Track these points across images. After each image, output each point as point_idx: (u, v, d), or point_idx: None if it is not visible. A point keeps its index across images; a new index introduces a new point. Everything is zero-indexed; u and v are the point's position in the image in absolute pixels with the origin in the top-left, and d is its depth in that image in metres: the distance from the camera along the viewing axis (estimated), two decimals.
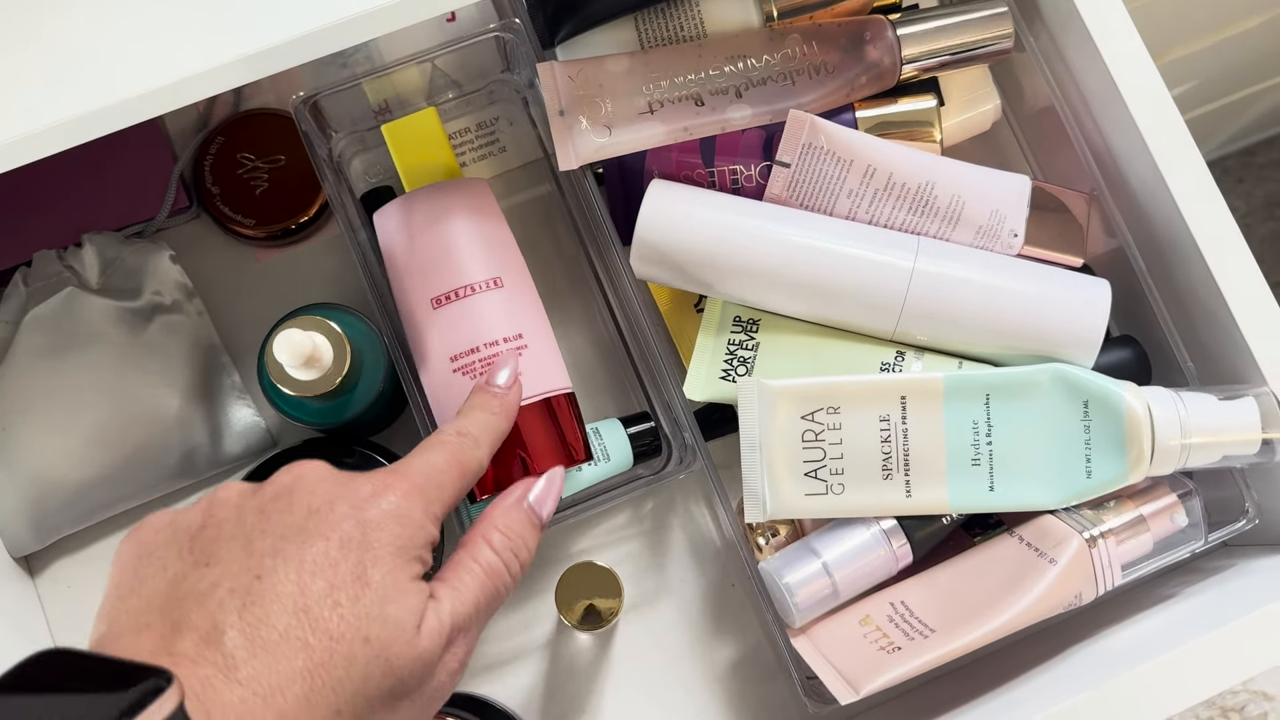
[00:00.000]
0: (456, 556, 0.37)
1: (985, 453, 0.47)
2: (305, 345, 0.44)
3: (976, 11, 0.52)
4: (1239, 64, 1.22)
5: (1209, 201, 0.49)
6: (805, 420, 0.48)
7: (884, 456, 0.47)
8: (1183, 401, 0.47)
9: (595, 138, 0.51)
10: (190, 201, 0.56)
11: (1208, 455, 0.47)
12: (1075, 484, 0.47)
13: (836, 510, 0.48)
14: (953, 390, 0.48)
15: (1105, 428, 0.46)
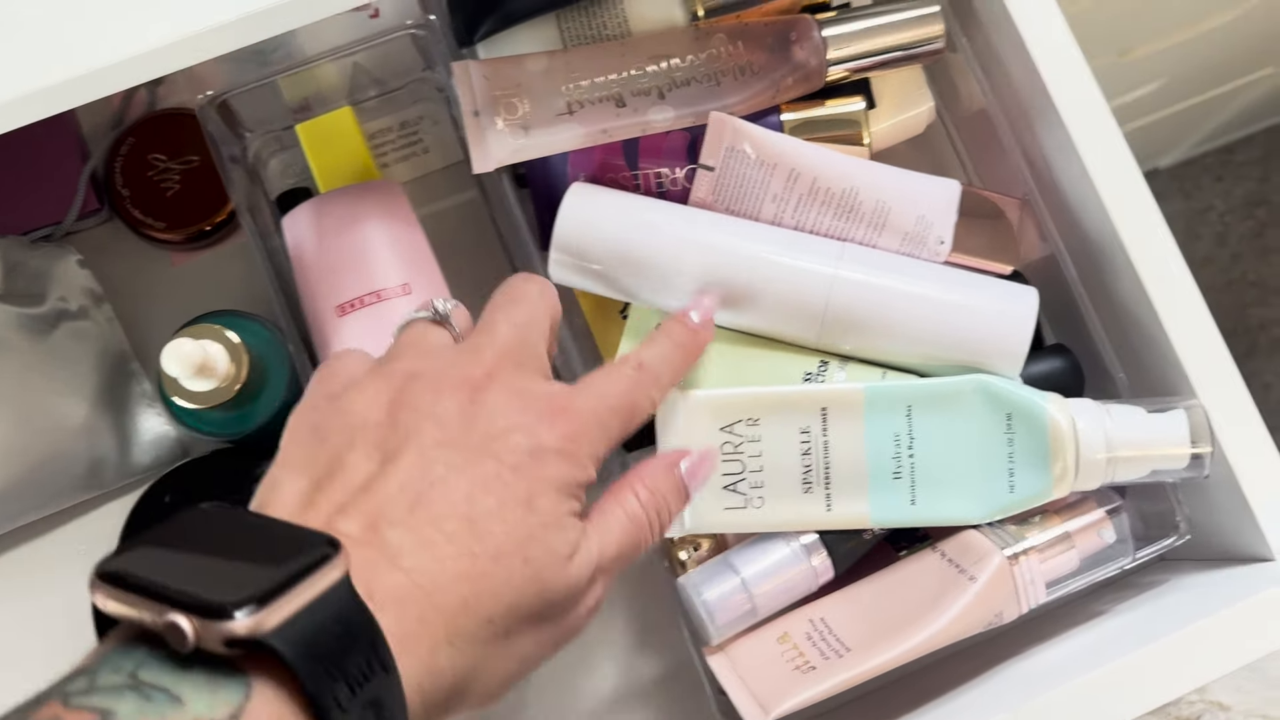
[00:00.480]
0: (604, 503, 0.38)
1: (907, 465, 0.46)
2: (195, 355, 0.43)
3: (907, 11, 0.51)
4: (1213, 61, 1.21)
5: (1141, 209, 0.48)
6: (724, 432, 0.46)
7: (804, 469, 0.46)
8: (1109, 414, 0.46)
9: (511, 139, 0.49)
10: (101, 204, 0.55)
11: (1135, 469, 0.46)
12: (998, 498, 0.45)
13: (756, 524, 0.47)
14: (874, 402, 0.46)
15: (1028, 441, 0.45)
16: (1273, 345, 1.60)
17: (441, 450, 0.33)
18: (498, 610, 0.32)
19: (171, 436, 0.54)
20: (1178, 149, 1.62)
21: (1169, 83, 1.21)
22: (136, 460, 0.53)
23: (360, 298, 0.48)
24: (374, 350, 0.48)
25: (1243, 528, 0.47)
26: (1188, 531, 0.49)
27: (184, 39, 0.46)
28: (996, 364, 0.47)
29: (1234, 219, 1.68)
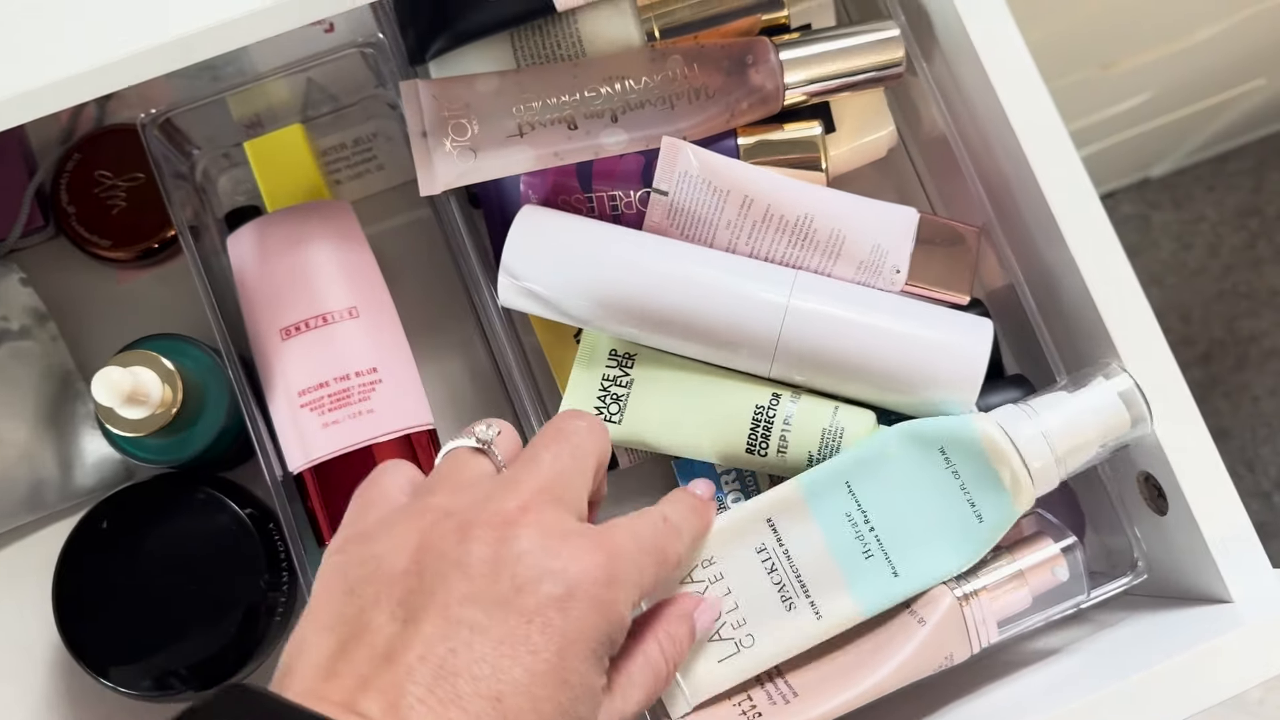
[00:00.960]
0: (629, 656, 0.37)
1: (873, 541, 0.44)
2: (125, 383, 0.42)
3: (867, 35, 0.50)
4: (1202, 73, 1.20)
5: (1099, 239, 0.47)
6: (686, 585, 0.44)
7: (778, 587, 0.44)
8: (1035, 410, 0.44)
9: (459, 161, 0.48)
10: (46, 220, 0.54)
11: (1085, 454, 0.44)
12: (971, 534, 0.44)
13: (756, 664, 0.44)
14: (813, 493, 0.44)
15: (971, 466, 0.43)
16: (1263, 357, 1.59)
17: (466, 608, 0.32)
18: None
19: (116, 459, 0.53)
20: (1169, 159, 1.61)
21: (1157, 94, 1.20)
22: (80, 483, 0.52)
23: (305, 321, 0.47)
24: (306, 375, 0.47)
25: (1201, 568, 0.46)
26: (1145, 570, 0.48)
27: (134, 55, 0.45)
28: (951, 396, 0.46)
29: (1226, 229, 1.67)
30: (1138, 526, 0.48)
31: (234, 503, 0.48)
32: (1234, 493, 0.46)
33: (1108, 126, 1.24)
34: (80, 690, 0.52)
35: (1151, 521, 0.48)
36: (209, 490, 0.48)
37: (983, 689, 0.48)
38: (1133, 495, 0.49)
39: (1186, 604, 0.48)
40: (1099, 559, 0.52)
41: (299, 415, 0.46)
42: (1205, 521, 0.45)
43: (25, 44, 0.45)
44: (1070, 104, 1.10)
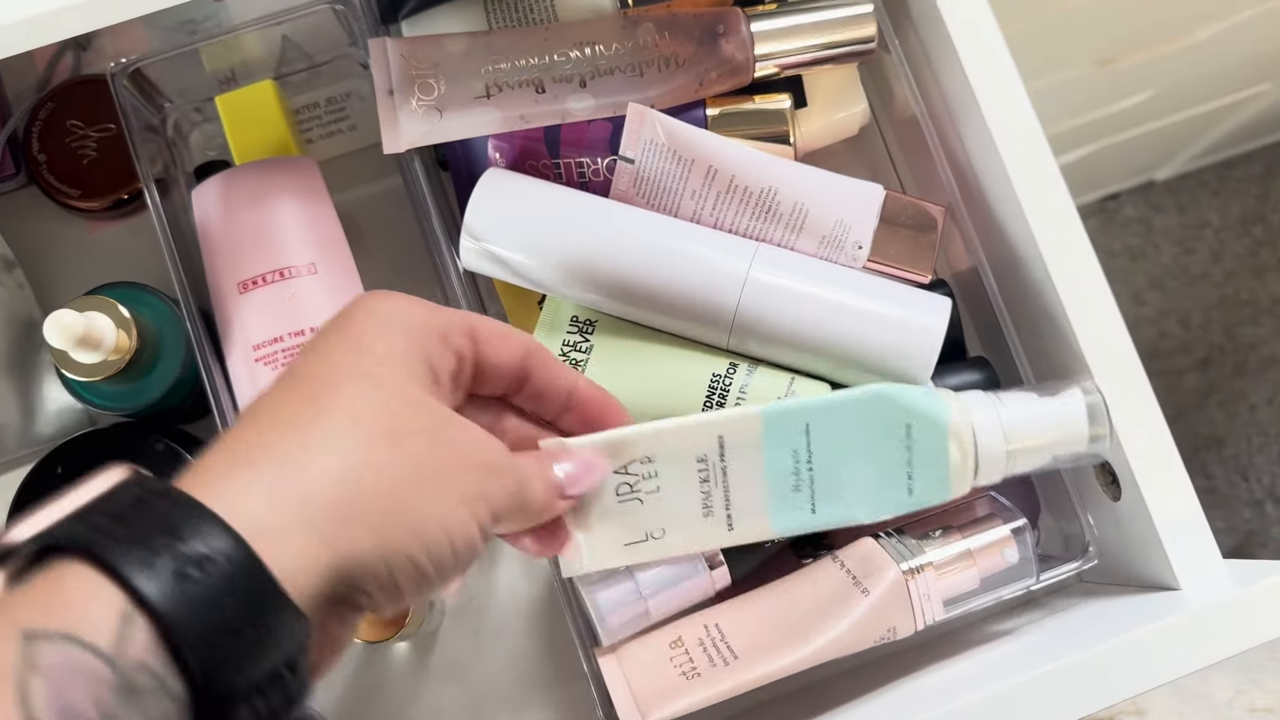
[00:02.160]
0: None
1: (806, 478, 0.43)
2: (77, 327, 0.42)
3: (839, 10, 0.50)
4: (1205, 74, 1.19)
5: (1063, 222, 0.47)
6: (619, 474, 0.43)
7: (704, 495, 0.43)
8: (1003, 404, 0.43)
9: (424, 121, 0.48)
10: (17, 168, 0.54)
11: (1035, 459, 0.43)
12: (894, 502, 0.43)
13: (658, 554, 0.43)
14: (772, 425, 0.43)
15: (926, 447, 0.43)
16: (1262, 365, 1.58)
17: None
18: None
19: (77, 408, 0.53)
20: (1174, 162, 1.60)
21: (1159, 94, 1.19)
22: (40, 430, 0.52)
23: (263, 275, 0.47)
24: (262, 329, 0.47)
25: (1151, 555, 0.46)
26: (1096, 556, 0.48)
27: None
28: (905, 374, 0.46)
29: (1230, 236, 1.66)
30: (1091, 512, 0.48)
31: (190, 454, 0.49)
32: (1188, 481, 0.46)
33: (1109, 125, 1.23)
34: None
35: (1105, 507, 0.48)
36: (166, 440, 0.49)
37: (929, 667, 0.48)
38: (1088, 480, 0.49)
39: (1136, 590, 0.48)
40: (1054, 543, 0.52)
41: (254, 369, 0.46)
42: (1157, 509, 0.45)
43: None
44: (1068, 101, 1.10)
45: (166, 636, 0.24)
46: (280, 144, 0.52)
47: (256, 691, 0.26)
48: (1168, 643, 0.42)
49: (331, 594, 0.29)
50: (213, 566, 0.25)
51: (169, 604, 0.24)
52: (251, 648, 0.26)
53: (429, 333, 0.34)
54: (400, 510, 0.30)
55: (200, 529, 0.26)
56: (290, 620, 0.27)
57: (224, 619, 0.25)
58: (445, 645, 0.53)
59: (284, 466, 0.29)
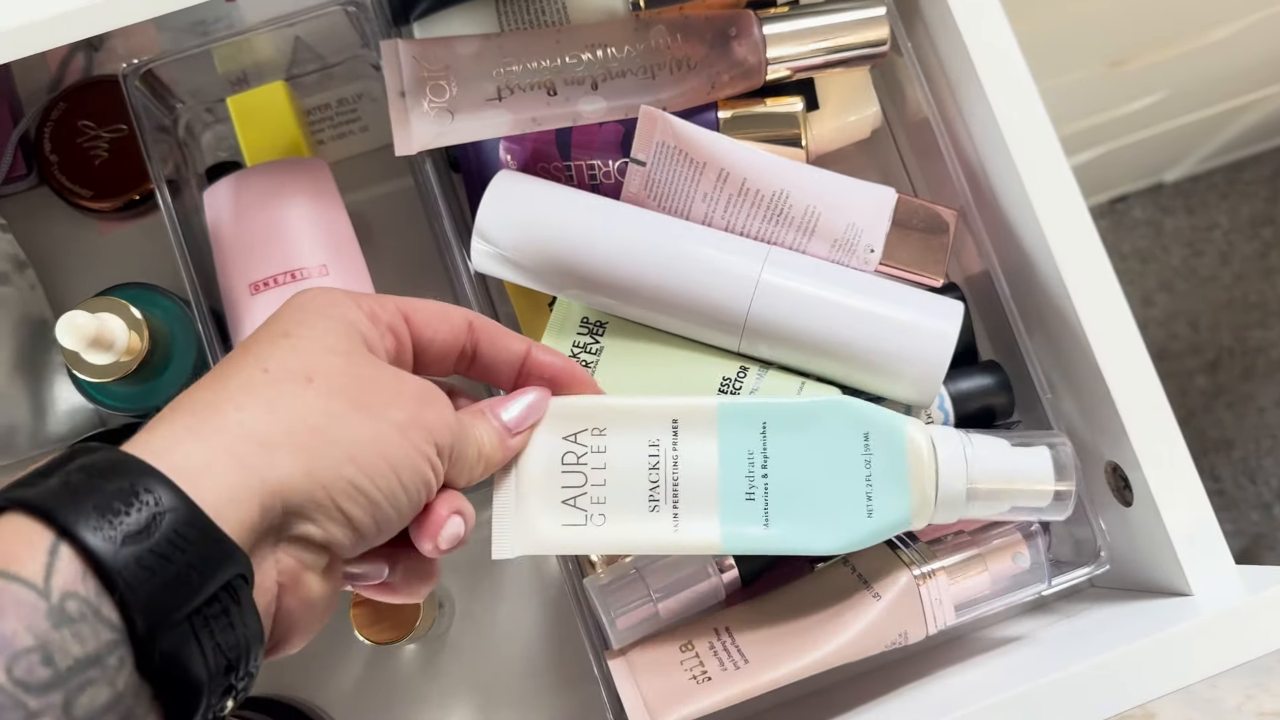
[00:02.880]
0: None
1: (760, 486, 0.42)
2: (89, 328, 0.42)
3: (852, 12, 0.49)
4: (1217, 75, 1.19)
5: (1075, 226, 0.46)
6: (567, 441, 0.42)
7: (651, 485, 0.41)
8: (971, 443, 0.42)
9: (436, 123, 0.48)
10: (29, 169, 0.54)
11: (995, 504, 0.43)
12: (856, 525, 0.41)
13: (596, 544, 0.41)
14: (728, 417, 0.42)
15: (887, 462, 0.42)
16: (1271, 368, 1.58)
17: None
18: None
19: (89, 408, 0.53)
20: (1183, 163, 1.60)
21: (1170, 95, 1.19)
22: (51, 430, 0.53)
23: (275, 276, 0.47)
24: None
25: (1163, 561, 0.46)
26: (1108, 561, 0.47)
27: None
28: (916, 378, 0.46)
29: (1239, 238, 1.66)
30: (1103, 517, 0.48)
31: None
32: (1200, 487, 0.45)
33: (1119, 126, 1.23)
34: None
35: (1117, 513, 0.48)
36: None
37: (940, 672, 0.48)
38: (1100, 485, 0.49)
39: (1148, 596, 0.48)
40: (1065, 548, 0.52)
41: None
42: (1169, 514, 0.45)
43: None
44: (1079, 102, 1.09)
45: (91, 562, 0.26)
46: (292, 145, 0.52)
47: (195, 615, 0.27)
48: (1181, 649, 0.42)
49: (271, 524, 0.30)
50: (136, 500, 0.27)
51: (92, 534, 0.26)
52: (181, 571, 0.27)
53: (356, 310, 0.35)
54: (327, 438, 0.31)
55: (121, 469, 0.28)
56: (220, 545, 0.28)
57: (150, 545, 0.26)
58: (455, 648, 0.53)
59: (200, 412, 0.30)
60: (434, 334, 0.38)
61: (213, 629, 0.27)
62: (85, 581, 0.26)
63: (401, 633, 0.47)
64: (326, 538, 0.31)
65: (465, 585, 0.54)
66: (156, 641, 0.26)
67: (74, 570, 0.25)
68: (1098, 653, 0.43)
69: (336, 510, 0.31)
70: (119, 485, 0.27)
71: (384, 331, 0.36)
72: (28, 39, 0.44)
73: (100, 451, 0.28)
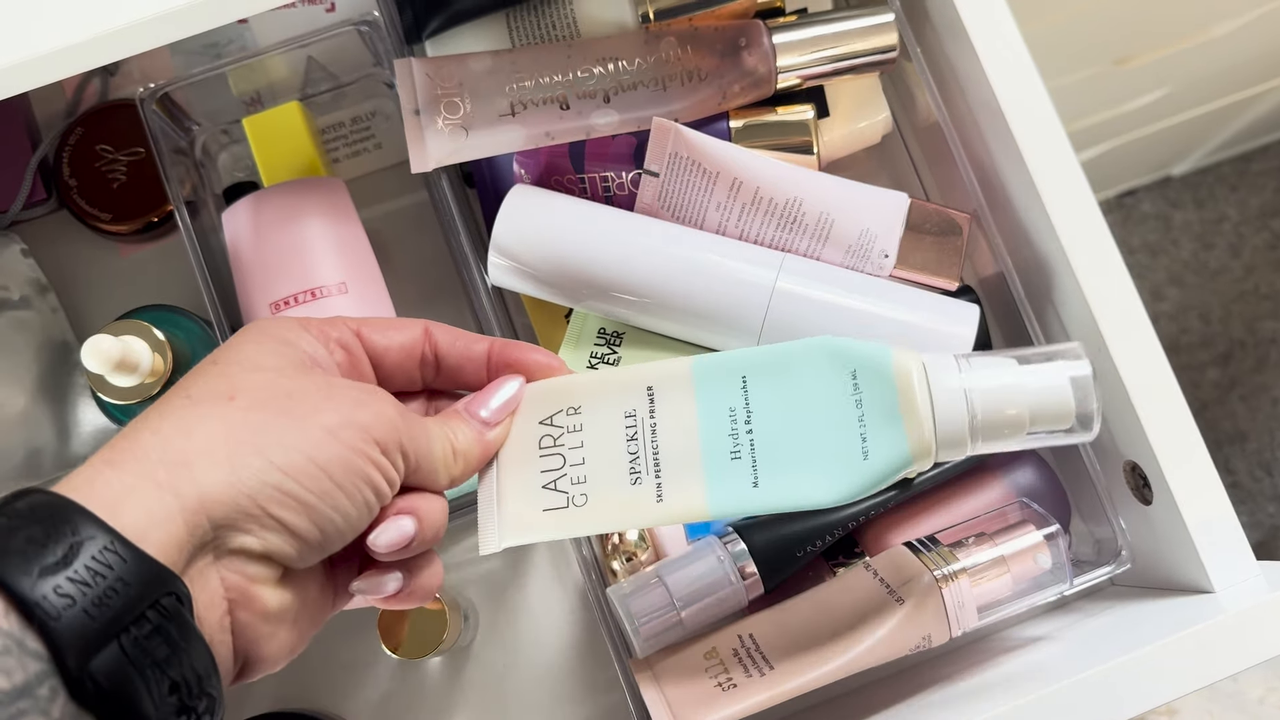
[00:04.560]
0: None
1: (745, 443, 0.38)
2: (114, 351, 0.42)
3: (861, 20, 0.50)
4: (1221, 69, 1.19)
5: (1090, 228, 0.47)
6: (543, 425, 0.40)
7: (631, 457, 0.39)
8: (970, 365, 0.38)
9: (450, 139, 0.49)
10: (49, 193, 0.55)
11: (1009, 433, 0.37)
12: (852, 470, 0.38)
13: (580, 525, 0.39)
14: (703, 375, 0.39)
15: (877, 397, 0.38)
16: None
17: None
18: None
19: (112, 428, 0.53)
20: (1191, 157, 1.60)
21: (1175, 91, 1.19)
22: (75, 451, 0.53)
23: (295, 295, 0.48)
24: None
25: (1184, 558, 0.46)
26: (1129, 559, 0.48)
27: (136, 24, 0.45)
28: None
29: (1249, 230, 1.65)
30: (1123, 516, 0.48)
31: None
32: (1219, 483, 0.46)
33: (1125, 122, 1.23)
34: None
35: (1137, 511, 0.48)
36: None
37: (963, 674, 0.48)
38: (1119, 484, 0.49)
39: (1169, 593, 0.48)
40: (1086, 548, 0.52)
41: None
42: (1189, 512, 0.45)
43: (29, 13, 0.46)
44: (1085, 99, 1.09)
45: (10, 598, 0.26)
46: (308, 164, 0.52)
47: (124, 635, 0.27)
48: (1206, 647, 0.42)
49: (203, 540, 0.30)
50: (55, 533, 0.27)
51: (11, 571, 0.26)
52: (102, 595, 0.27)
53: (299, 330, 0.35)
54: (248, 448, 0.31)
55: (43, 509, 0.28)
56: (143, 565, 0.28)
57: (68, 574, 0.27)
58: (479, 659, 0.54)
59: (119, 443, 0.31)
60: (389, 341, 0.37)
61: (149, 650, 0.27)
62: (8, 617, 0.26)
63: (429, 647, 0.47)
64: (266, 548, 0.31)
65: (489, 596, 0.54)
66: (88, 668, 0.26)
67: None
68: (1122, 652, 0.43)
69: (269, 518, 0.31)
70: (42, 525, 0.27)
71: (333, 348, 0.36)
72: (48, 68, 0.45)
73: (27, 496, 0.28)
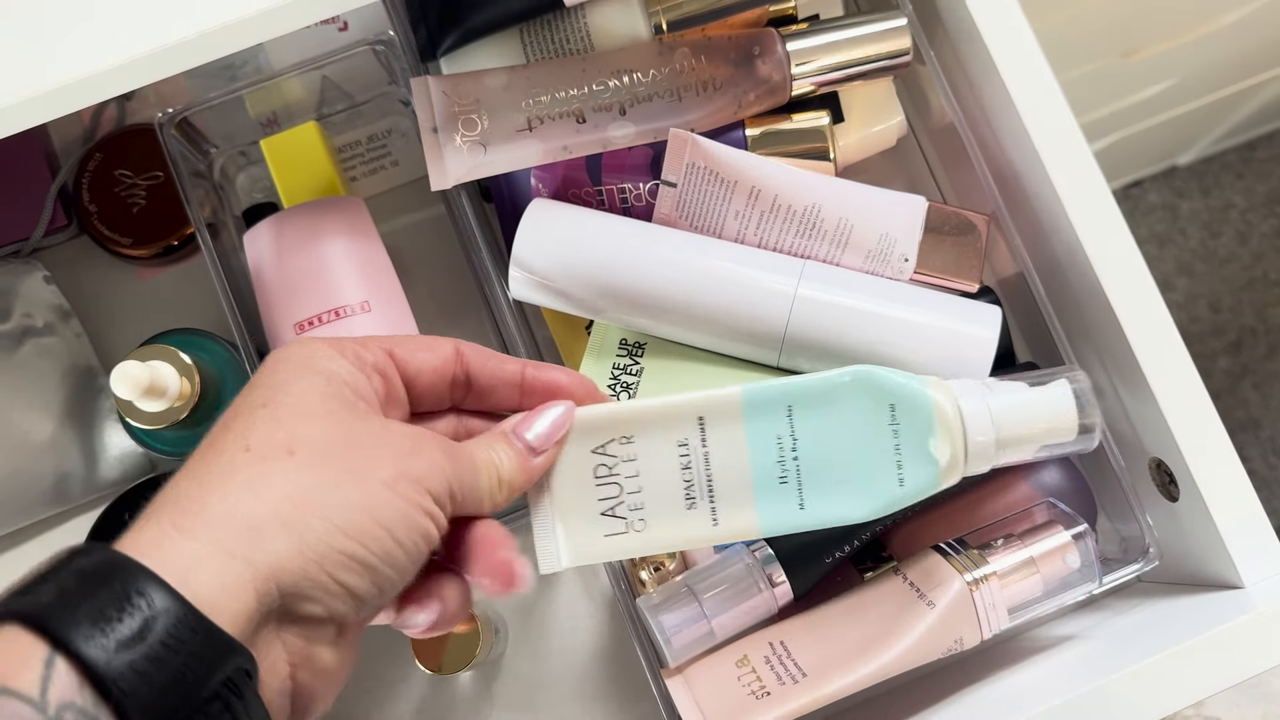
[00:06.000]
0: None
1: (792, 469, 0.42)
2: (143, 377, 0.43)
3: (873, 25, 0.50)
4: (1226, 59, 1.19)
5: (1108, 225, 0.47)
6: (596, 454, 0.42)
7: (686, 485, 0.42)
8: (992, 392, 0.42)
9: (469, 156, 0.49)
10: (69, 220, 0.55)
11: (1024, 449, 0.42)
12: (888, 493, 0.41)
13: (640, 549, 0.42)
14: (752, 405, 0.42)
15: (914, 429, 0.41)
16: None
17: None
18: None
19: (139, 452, 0.54)
20: (1196, 146, 1.60)
21: (1181, 81, 1.19)
22: (103, 475, 0.53)
23: (319, 315, 0.48)
24: None
25: (1213, 554, 0.46)
26: (1157, 557, 0.48)
27: (152, 54, 0.46)
28: None
29: (1256, 217, 1.65)
30: (1150, 513, 0.48)
31: None
32: (1245, 478, 0.46)
33: (1131, 114, 1.23)
34: None
35: (1164, 508, 0.48)
36: None
37: (995, 675, 0.48)
38: (1144, 482, 0.49)
39: (1199, 590, 0.48)
40: (1112, 546, 0.52)
41: None
42: (1217, 508, 0.45)
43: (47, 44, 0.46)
44: (1091, 92, 1.09)
45: (86, 672, 0.26)
46: (326, 183, 0.53)
47: (197, 714, 0.27)
48: (1239, 643, 0.42)
49: (270, 608, 0.30)
50: (129, 604, 0.27)
51: (86, 643, 0.26)
52: (178, 672, 0.27)
53: (338, 359, 0.35)
54: (314, 512, 0.30)
55: (113, 572, 0.27)
56: (216, 640, 0.27)
57: (145, 650, 0.26)
58: (510, 671, 0.54)
59: (185, 503, 0.30)
60: (420, 364, 0.37)
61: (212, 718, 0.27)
62: (82, 692, 0.26)
63: (463, 663, 0.48)
64: (330, 612, 0.31)
65: (518, 609, 0.54)
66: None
67: (70, 681, 0.26)
68: (1154, 651, 0.43)
69: (335, 584, 0.31)
70: (112, 590, 0.27)
71: (370, 374, 0.36)
72: (70, 98, 0.45)
73: (94, 554, 0.28)
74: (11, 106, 0.45)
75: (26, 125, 0.46)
